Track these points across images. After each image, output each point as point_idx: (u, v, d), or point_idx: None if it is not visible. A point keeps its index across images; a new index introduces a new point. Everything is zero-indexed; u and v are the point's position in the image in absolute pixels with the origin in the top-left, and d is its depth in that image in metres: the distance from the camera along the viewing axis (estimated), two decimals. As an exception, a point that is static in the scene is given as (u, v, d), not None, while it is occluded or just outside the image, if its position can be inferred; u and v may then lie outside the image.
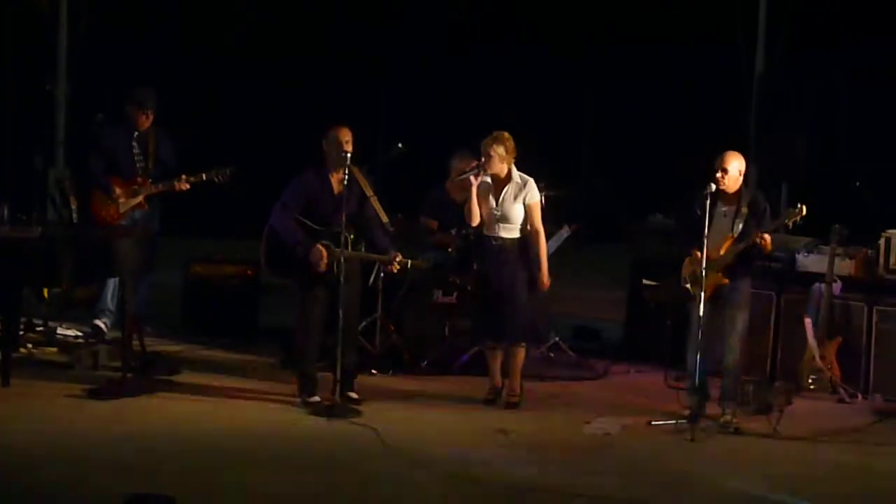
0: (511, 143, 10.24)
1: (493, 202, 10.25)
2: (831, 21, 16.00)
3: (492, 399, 10.42)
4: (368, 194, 10.07)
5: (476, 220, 10.28)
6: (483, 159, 10.23)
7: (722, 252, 9.82)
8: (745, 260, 9.90)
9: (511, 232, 10.27)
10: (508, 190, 10.26)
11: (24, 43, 15.65)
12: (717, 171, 9.82)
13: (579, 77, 19.65)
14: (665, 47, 18.72)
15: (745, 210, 9.85)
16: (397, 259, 9.99)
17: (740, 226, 9.84)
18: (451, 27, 19.08)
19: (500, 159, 10.21)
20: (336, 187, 10.06)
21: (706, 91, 17.81)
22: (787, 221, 9.90)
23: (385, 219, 10.08)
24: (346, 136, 10.02)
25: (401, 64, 18.93)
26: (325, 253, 9.90)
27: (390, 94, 18.90)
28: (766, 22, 15.58)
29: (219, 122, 18.13)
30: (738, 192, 9.91)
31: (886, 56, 15.32)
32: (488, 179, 10.27)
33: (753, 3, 15.63)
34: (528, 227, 10.32)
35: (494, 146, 10.20)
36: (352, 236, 9.98)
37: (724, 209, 9.92)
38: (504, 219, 10.24)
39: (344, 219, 9.86)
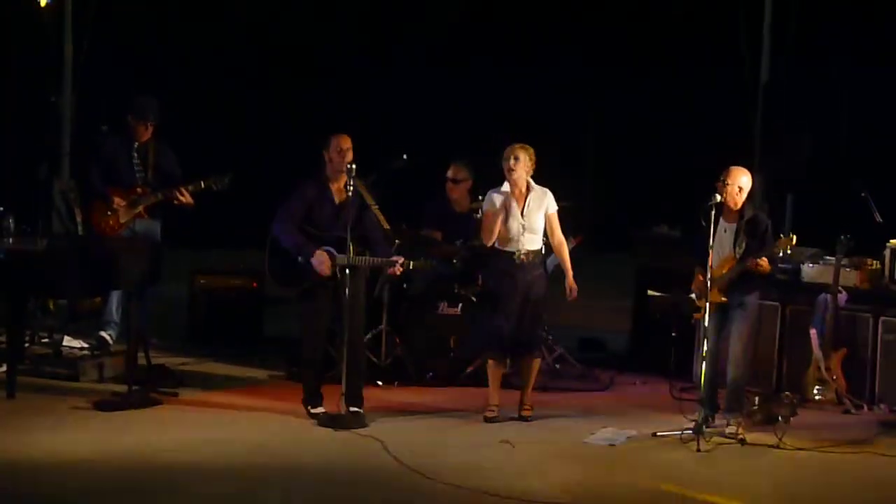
0: (533, 155, 10.23)
1: (518, 213, 10.24)
2: (835, 29, 15.99)
3: (495, 417, 10.33)
4: (369, 203, 10.07)
5: (493, 239, 10.22)
6: (511, 161, 10.17)
7: (724, 271, 9.85)
8: (747, 278, 9.91)
9: (535, 244, 10.25)
10: (531, 200, 10.25)
11: (30, 55, 15.67)
12: (720, 189, 9.85)
13: (583, 87, 19.65)
14: (669, 57, 18.73)
15: (745, 229, 9.88)
16: (400, 262, 9.97)
17: (743, 245, 9.86)
18: (452, 36, 19.09)
19: (525, 166, 10.20)
20: (336, 196, 10.07)
21: (711, 100, 17.80)
22: (777, 251, 9.93)
23: (386, 226, 10.07)
24: (346, 144, 10.02)
25: (401, 74, 18.94)
26: (327, 257, 9.90)
27: (390, 103, 18.90)
28: (770, 31, 15.59)
29: (222, 131, 18.14)
30: (741, 209, 9.94)
31: (892, 63, 15.32)
32: (507, 189, 10.23)
33: (758, 13, 15.64)
34: (552, 237, 10.32)
35: (522, 152, 10.19)
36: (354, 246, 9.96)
37: (725, 225, 9.95)
38: (531, 229, 10.22)
39: (349, 227, 9.85)
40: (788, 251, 9.97)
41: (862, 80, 15.48)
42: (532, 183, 10.28)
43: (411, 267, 10.05)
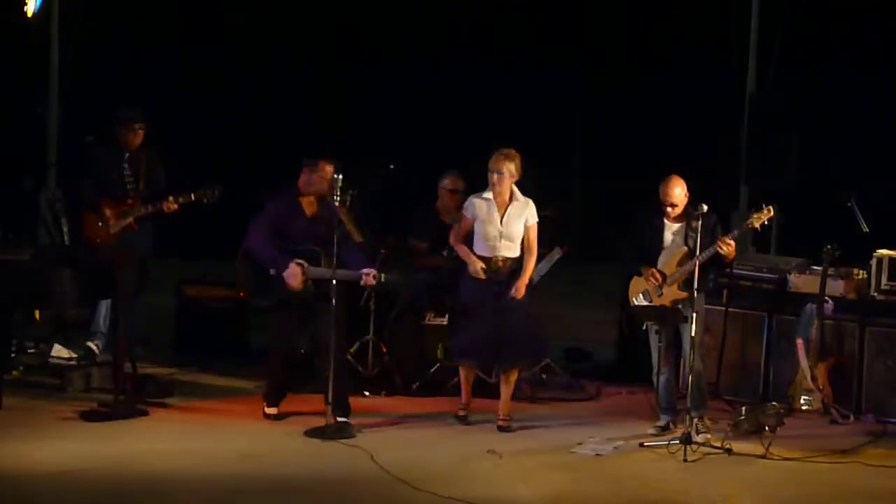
0: (520, 162, 10.27)
1: (497, 220, 10.26)
2: (824, 39, 16.01)
3: (466, 416, 10.41)
4: (342, 219, 10.09)
5: (459, 241, 10.30)
6: (495, 176, 10.22)
7: (677, 266, 10.02)
8: (701, 274, 9.97)
9: (512, 251, 10.28)
10: (512, 209, 10.29)
11: (15, 65, 15.63)
12: (667, 206, 10.06)
13: (570, 96, 19.64)
14: (657, 66, 18.73)
15: (695, 224, 9.93)
16: (371, 273, 9.99)
17: (694, 239, 9.91)
18: (440, 44, 19.07)
19: (510, 177, 10.24)
20: (307, 209, 10.15)
21: (698, 110, 17.81)
22: (755, 223, 10.06)
23: (358, 238, 10.10)
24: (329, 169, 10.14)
25: (389, 82, 18.91)
26: (299, 271, 9.95)
27: (378, 112, 18.87)
28: (757, 41, 15.60)
29: (210, 142, 18.10)
30: (685, 209, 10.07)
31: (879, 73, 15.35)
32: (490, 196, 10.27)
33: (747, 22, 15.65)
34: (526, 247, 10.35)
35: (507, 163, 10.23)
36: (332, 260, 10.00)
37: (672, 227, 10.15)
38: (508, 237, 10.25)
39: (325, 240, 9.91)
40: (766, 222, 10.09)
41: (851, 88, 15.51)
42: (516, 192, 10.32)
43: (382, 279, 10.05)
